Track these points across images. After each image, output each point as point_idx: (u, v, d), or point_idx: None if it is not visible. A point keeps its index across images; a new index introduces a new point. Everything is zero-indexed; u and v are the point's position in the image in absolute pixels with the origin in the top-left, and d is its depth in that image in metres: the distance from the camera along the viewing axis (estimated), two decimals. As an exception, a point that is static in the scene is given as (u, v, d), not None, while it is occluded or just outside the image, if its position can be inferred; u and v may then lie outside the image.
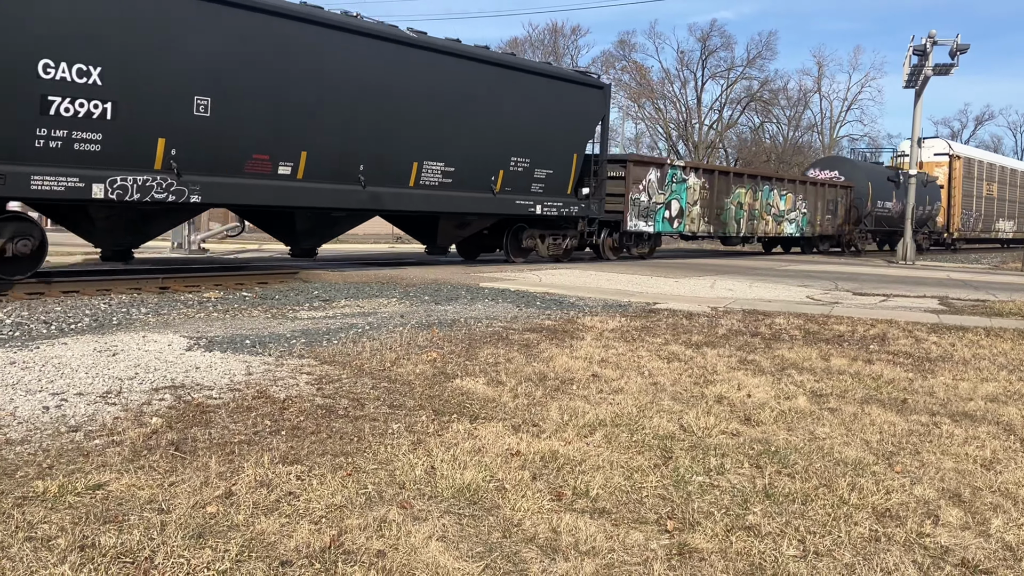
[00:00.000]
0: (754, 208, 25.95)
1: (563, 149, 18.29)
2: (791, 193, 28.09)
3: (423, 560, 3.09)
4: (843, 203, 31.30)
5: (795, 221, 28.39)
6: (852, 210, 31.62)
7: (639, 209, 21.07)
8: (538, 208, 17.84)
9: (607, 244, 20.78)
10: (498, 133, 16.57)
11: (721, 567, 3.15)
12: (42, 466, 3.96)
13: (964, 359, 7.67)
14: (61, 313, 9.19)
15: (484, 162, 16.35)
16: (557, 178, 18.21)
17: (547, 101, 17.63)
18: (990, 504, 3.91)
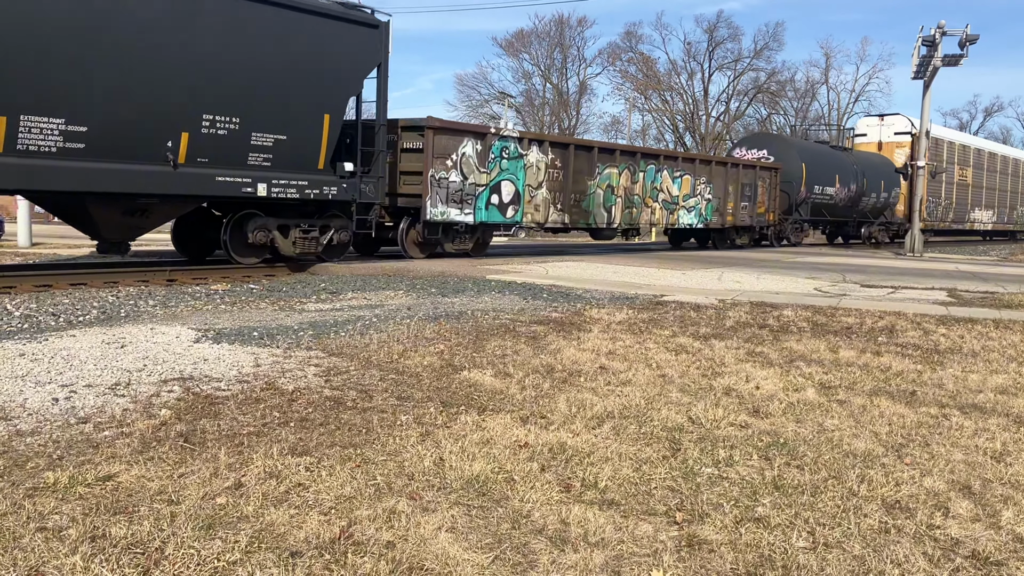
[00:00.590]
0: (632, 193, 20.84)
1: (305, 107, 13.18)
2: (688, 175, 22.90)
3: (432, 551, 3.09)
4: (766, 187, 26.14)
5: (695, 209, 23.29)
6: (779, 196, 26.92)
7: (448, 192, 16.02)
8: (261, 188, 12.71)
9: (411, 238, 16.07)
10: (176, 79, 11.44)
11: (731, 559, 3.15)
12: (52, 457, 3.97)
13: (973, 351, 7.64)
14: (69, 305, 9.22)
15: (148, 120, 11.28)
16: (296, 147, 13.12)
17: (273, 38, 12.55)
18: (1001, 496, 3.90)
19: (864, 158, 32.26)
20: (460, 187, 16.30)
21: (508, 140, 17.58)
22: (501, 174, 17.21)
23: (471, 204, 16.59)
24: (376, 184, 14.41)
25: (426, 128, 15.69)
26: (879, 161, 33.14)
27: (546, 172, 18.44)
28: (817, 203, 28.96)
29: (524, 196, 17.84)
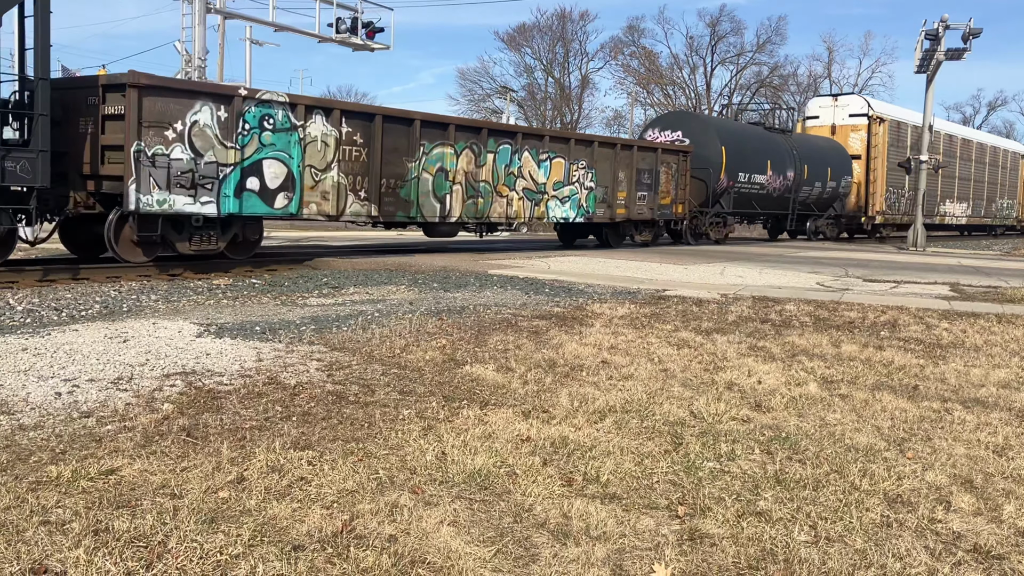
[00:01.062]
0: (478, 179, 16.54)
1: None
2: (561, 157, 18.45)
3: (435, 544, 3.10)
4: (671, 174, 21.39)
5: (572, 200, 18.85)
6: (693, 185, 22.52)
7: (171, 173, 11.80)
8: None
9: (125, 235, 11.87)
10: None
11: (732, 552, 3.15)
12: (55, 451, 3.98)
13: (976, 346, 7.63)
14: (71, 300, 9.23)
15: None
16: None
17: None
18: (1002, 490, 3.90)
19: (807, 142, 28.45)
20: (191, 167, 12.02)
21: (272, 107, 13.12)
22: (262, 151, 12.95)
23: (212, 190, 12.30)
24: (37, 164, 10.52)
25: (128, 86, 11.29)
26: (826, 146, 29.31)
27: (338, 150, 14.01)
28: (744, 193, 24.56)
29: (303, 180, 13.54)
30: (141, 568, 2.84)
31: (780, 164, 25.98)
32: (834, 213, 29.51)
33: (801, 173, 26.78)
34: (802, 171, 26.82)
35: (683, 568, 3.02)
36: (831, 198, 28.93)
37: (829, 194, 28.63)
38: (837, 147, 29.79)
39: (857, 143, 30.84)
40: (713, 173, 23.11)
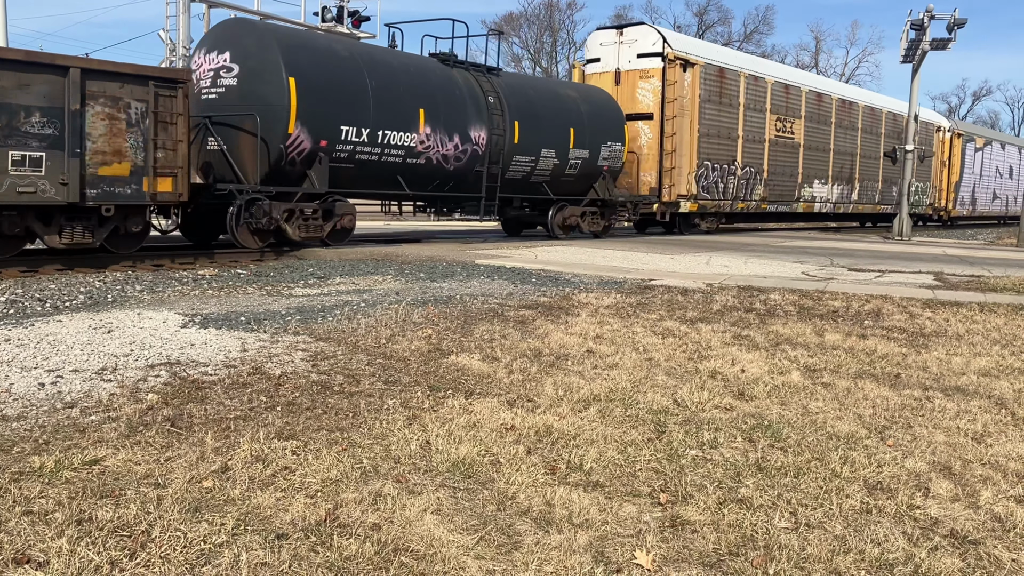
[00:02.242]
0: None
1: None
2: None
3: (418, 532, 3.12)
4: (129, 120, 11.44)
5: None
6: (199, 144, 13.49)
7: None
8: None
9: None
10: None
11: (713, 539, 3.18)
12: (38, 442, 3.98)
13: (958, 334, 7.70)
14: (55, 291, 9.19)
15: None
16: None
17: None
18: (980, 476, 3.95)
19: (533, 89, 18.62)
20: None
21: None
22: None
23: None
24: None
25: None
26: (574, 97, 19.12)
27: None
28: (364, 162, 14.52)
29: None
30: (125, 557, 2.85)
31: (454, 118, 15.95)
32: (597, 198, 19.55)
33: (506, 134, 16.96)
34: (509, 131, 17.02)
35: (664, 554, 3.05)
36: (587, 175, 18.88)
37: (579, 170, 18.69)
38: (597, 100, 19.60)
39: (649, 96, 21.32)
40: (274, 124, 13.09)
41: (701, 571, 2.93)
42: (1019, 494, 3.73)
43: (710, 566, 2.98)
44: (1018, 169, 47.84)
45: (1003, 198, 45.40)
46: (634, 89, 21.83)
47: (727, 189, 23.70)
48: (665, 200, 21.73)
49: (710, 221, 23.99)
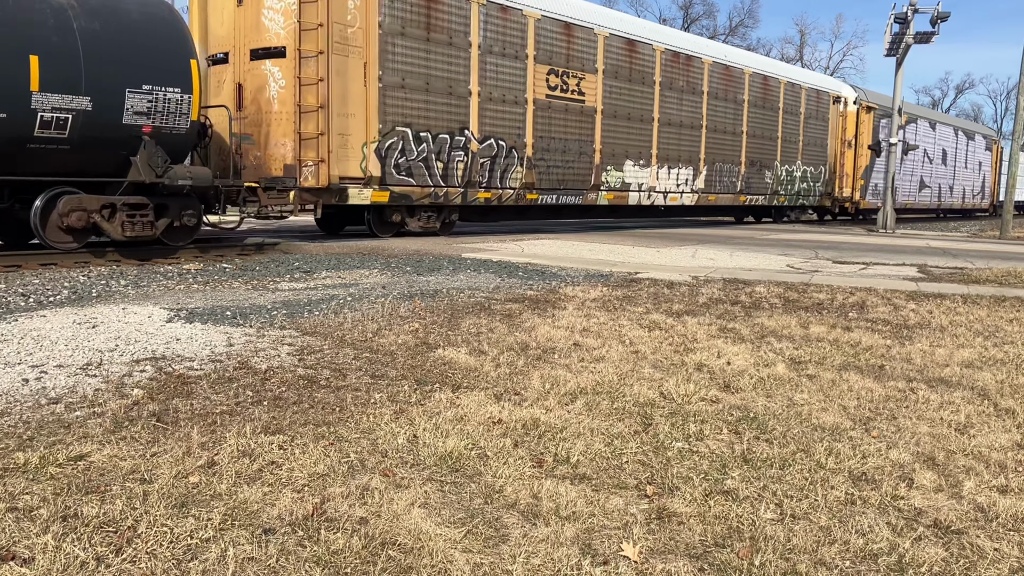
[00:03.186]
0: None
1: None
2: None
3: (405, 526, 3.12)
4: None
5: None
6: None
7: None
8: None
9: None
10: None
11: (699, 531, 3.20)
12: (23, 438, 3.95)
13: (941, 326, 7.76)
14: (39, 285, 9.12)
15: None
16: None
17: None
18: (963, 467, 3.98)
19: None
20: None
21: None
22: None
23: None
24: None
25: None
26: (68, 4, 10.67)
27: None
28: None
29: None
30: (111, 553, 2.84)
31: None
32: (140, 180, 11.48)
33: None
34: None
35: (651, 546, 3.06)
36: (100, 142, 11.14)
37: (77, 130, 10.82)
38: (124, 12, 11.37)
39: (279, 20, 13.80)
40: None
41: (688, 563, 2.94)
42: (1002, 484, 3.77)
43: (697, 558, 3.00)
44: (955, 154, 40.97)
45: (934, 188, 38.77)
46: (259, 11, 13.98)
47: (452, 171, 16.36)
48: (312, 185, 13.98)
49: (425, 219, 16.52)
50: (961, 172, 42.29)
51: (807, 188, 28.86)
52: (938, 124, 39.24)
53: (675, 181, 22.44)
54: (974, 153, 44.17)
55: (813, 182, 29.22)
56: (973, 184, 44.44)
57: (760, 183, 26.10)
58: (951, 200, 41.28)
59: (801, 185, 28.30)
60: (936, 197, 39.20)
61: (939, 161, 39.23)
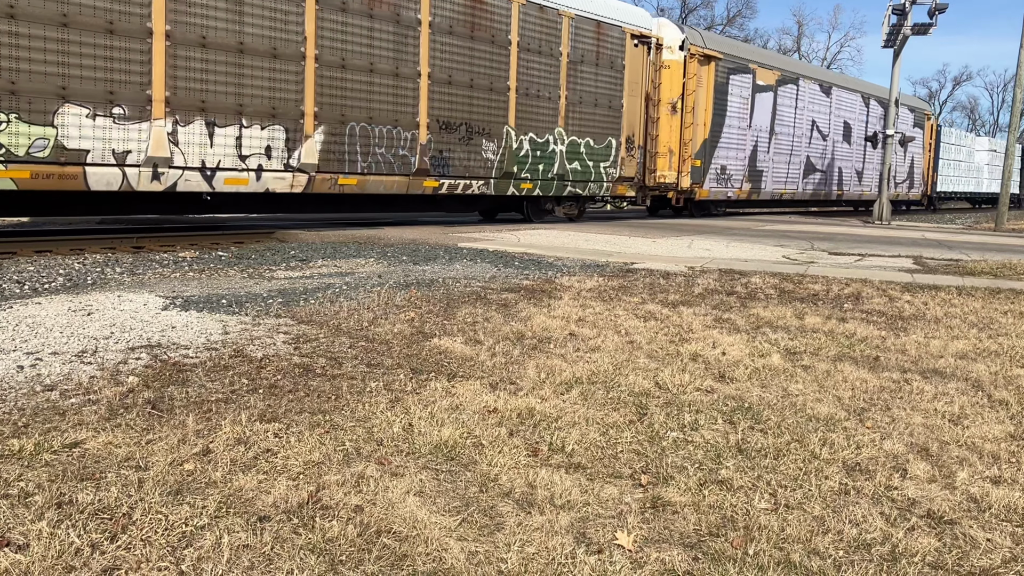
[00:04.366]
0: None
1: None
2: None
3: (400, 514, 3.13)
4: None
5: None
6: None
7: None
8: None
9: None
10: None
11: (694, 520, 3.21)
12: (17, 425, 3.95)
13: (936, 317, 7.78)
14: (34, 272, 9.10)
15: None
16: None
17: None
18: (957, 458, 4.00)
19: None
20: None
21: None
22: None
23: None
24: None
25: None
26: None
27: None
28: None
29: None
30: (105, 540, 2.84)
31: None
32: None
33: None
34: None
35: (645, 535, 3.07)
36: None
37: None
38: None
39: None
40: None
41: (682, 551, 2.95)
42: (995, 475, 3.79)
43: (691, 546, 3.01)
44: (862, 127, 31.92)
45: (830, 172, 30.15)
46: None
47: None
48: None
49: None
50: (876, 153, 32.01)
51: (583, 170, 19.15)
52: (835, 88, 30.17)
53: (234, 149, 12.79)
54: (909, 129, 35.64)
55: (595, 160, 19.40)
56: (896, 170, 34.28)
57: (473, 159, 16.75)
58: (858, 188, 32.39)
59: (570, 165, 18.84)
60: (825, 184, 30.19)
61: (836, 136, 30.40)
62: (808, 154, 28.97)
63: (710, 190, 23.89)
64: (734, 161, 24.81)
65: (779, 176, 27.44)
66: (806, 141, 28.78)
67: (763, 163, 26.59)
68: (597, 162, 19.62)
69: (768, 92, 26.20)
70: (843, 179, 31.53)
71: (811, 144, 29.10)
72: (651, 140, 21.33)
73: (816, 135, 29.35)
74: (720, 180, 24.30)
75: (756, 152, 25.93)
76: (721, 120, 23.98)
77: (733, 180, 24.97)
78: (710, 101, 23.35)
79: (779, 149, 27.24)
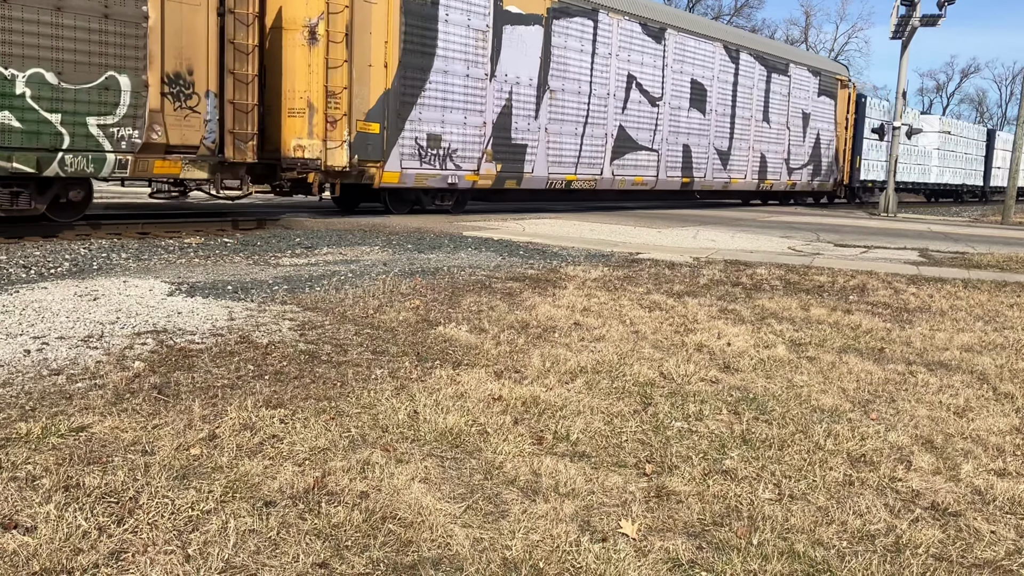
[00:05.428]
0: None
1: None
2: None
3: (405, 501, 3.14)
4: None
5: None
6: None
7: None
8: None
9: None
10: None
11: (698, 509, 3.22)
12: (24, 408, 3.96)
13: (941, 310, 7.76)
14: (40, 258, 9.12)
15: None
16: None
17: None
18: (961, 450, 4.00)
19: None
20: None
21: None
22: None
23: None
24: None
25: None
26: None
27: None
28: None
29: None
30: (112, 523, 2.85)
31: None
32: None
33: None
34: None
35: (649, 524, 3.08)
36: None
37: None
38: None
39: None
40: None
41: (686, 540, 2.96)
42: (999, 468, 3.79)
43: (695, 536, 3.02)
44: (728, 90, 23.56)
45: (657, 152, 21.11)
46: None
47: None
48: None
49: None
50: (761, 129, 24.95)
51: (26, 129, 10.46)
52: (672, 33, 21.29)
53: None
54: (797, 100, 26.80)
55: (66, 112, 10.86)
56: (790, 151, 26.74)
57: None
58: (722, 176, 23.72)
59: None
60: (670, 169, 21.68)
61: (681, 104, 21.73)
62: (623, 124, 19.99)
63: (403, 171, 15.36)
64: (458, 128, 16.27)
65: (562, 154, 18.64)
66: (617, 106, 19.78)
67: (526, 134, 17.68)
68: (77, 116, 10.89)
69: (532, 27, 17.48)
70: (693, 162, 22.43)
71: (627, 111, 20.08)
72: (244, 86, 12.33)
73: (638, 98, 20.41)
74: (427, 157, 15.77)
75: (510, 117, 17.28)
76: (424, 62, 15.45)
77: (459, 158, 16.37)
78: (394, 30, 14.77)
79: (560, 114, 18.45)
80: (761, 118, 25.29)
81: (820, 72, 28.58)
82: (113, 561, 2.64)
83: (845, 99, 30.23)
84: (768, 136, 25.83)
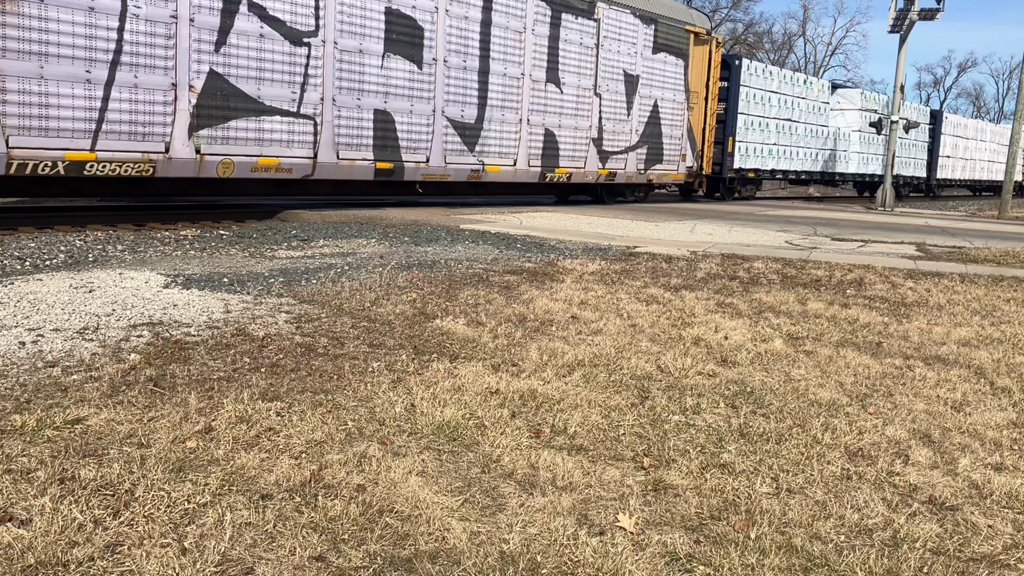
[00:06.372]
0: None
1: None
2: None
3: (403, 494, 3.13)
4: None
5: None
6: None
7: None
8: None
9: None
10: None
11: (695, 503, 3.21)
12: (19, 400, 3.94)
13: (939, 304, 7.76)
14: (35, 249, 9.08)
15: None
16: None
17: None
18: (959, 444, 4.00)
19: None
20: None
21: None
22: None
23: None
24: None
25: None
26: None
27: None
28: None
29: None
30: (108, 516, 2.84)
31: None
32: None
33: None
34: None
35: (647, 518, 3.07)
36: None
37: None
38: None
39: None
40: None
41: (683, 534, 2.96)
42: (996, 462, 3.79)
43: (692, 529, 3.01)
44: (466, 42, 15.49)
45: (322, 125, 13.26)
46: None
47: None
48: None
49: None
50: (543, 95, 17.37)
51: None
52: None
53: None
54: (613, 55, 18.89)
55: None
56: (602, 128, 18.89)
57: None
58: (461, 162, 16.01)
59: None
60: (350, 148, 14.11)
61: (362, 48, 13.81)
62: (218, 69, 12.01)
63: None
64: None
65: None
66: (203, 38, 11.80)
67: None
68: None
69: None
70: (399, 137, 14.85)
71: (227, 47, 12.06)
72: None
73: (258, 29, 12.43)
74: None
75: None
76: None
77: None
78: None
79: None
80: (544, 78, 17.36)
81: (656, 19, 19.81)
82: (109, 554, 2.63)
83: (703, 59, 21.82)
84: (558, 105, 17.81)
